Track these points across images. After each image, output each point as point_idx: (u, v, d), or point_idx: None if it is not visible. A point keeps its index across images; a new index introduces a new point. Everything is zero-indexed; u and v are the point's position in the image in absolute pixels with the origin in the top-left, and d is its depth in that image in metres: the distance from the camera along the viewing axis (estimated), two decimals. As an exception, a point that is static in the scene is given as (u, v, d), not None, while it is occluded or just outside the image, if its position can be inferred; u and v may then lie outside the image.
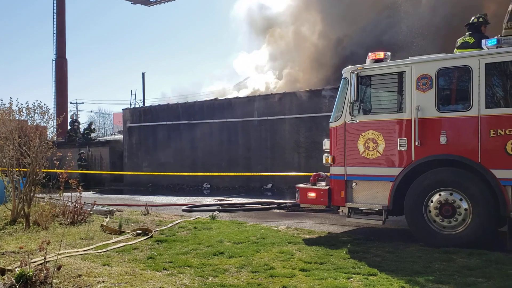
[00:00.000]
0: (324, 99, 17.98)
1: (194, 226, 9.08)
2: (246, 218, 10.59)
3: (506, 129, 6.53)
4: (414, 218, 7.26)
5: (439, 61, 7.22)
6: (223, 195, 17.28)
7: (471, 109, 6.81)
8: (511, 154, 6.49)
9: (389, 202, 7.44)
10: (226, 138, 20.77)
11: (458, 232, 6.89)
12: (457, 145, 6.95)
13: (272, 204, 13.05)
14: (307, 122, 18.45)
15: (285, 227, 8.92)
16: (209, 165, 20.71)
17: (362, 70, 7.80)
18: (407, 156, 7.35)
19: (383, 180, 7.58)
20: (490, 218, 6.69)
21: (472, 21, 8.39)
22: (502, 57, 6.72)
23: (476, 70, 6.78)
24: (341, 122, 8.02)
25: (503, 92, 6.93)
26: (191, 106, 22.32)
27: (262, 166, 19.30)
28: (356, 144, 7.86)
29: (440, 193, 7.03)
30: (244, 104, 20.48)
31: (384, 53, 7.84)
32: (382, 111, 7.91)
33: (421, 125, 7.18)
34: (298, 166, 18.19)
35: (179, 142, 22.24)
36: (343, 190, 7.95)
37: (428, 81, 7.18)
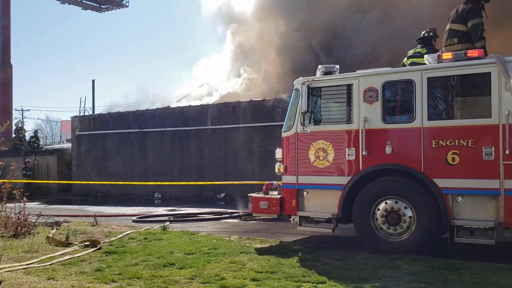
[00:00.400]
0: (278, 109, 18.21)
1: (145, 237, 8.92)
2: (198, 228, 10.52)
3: (447, 140, 6.86)
4: (362, 225, 7.47)
5: (384, 75, 7.51)
6: (175, 205, 17.08)
7: (414, 121, 7.12)
8: (452, 164, 6.82)
9: (339, 210, 7.62)
10: (179, 146, 20.58)
11: (403, 239, 7.15)
12: (401, 155, 7.23)
13: (225, 213, 13.04)
14: (261, 131, 18.60)
15: (237, 237, 8.93)
16: (161, 174, 20.43)
17: (313, 82, 7.99)
18: (355, 165, 7.57)
19: (333, 189, 7.76)
20: (433, 226, 6.98)
21: (423, 35, 8.79)
22: (442, 72, 7.08)
23: (419, 83, 7.11)
24: (293, 132, 8.17)
25: (444, 105, 7.30)
26: (142, 114, 21.99)
27: (215, 175, 19.24)
28: (307, 153, 8.01)
29: (386, 201, 7.28)
30: (197, 112, 20.40)
31: (333, 66, 8.07)
32: (332, 122, 8.13)
33: (368, 135, 7.42)
34: (251, 175, 18.26)
35: (129, 150, 21.83)
36: (295, 199, 8.08)
37: (374, 93, 7.45)
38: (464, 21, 7.63)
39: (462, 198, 6.79)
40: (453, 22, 7.83)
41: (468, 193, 6.75)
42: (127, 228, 10.24)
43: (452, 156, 6.82)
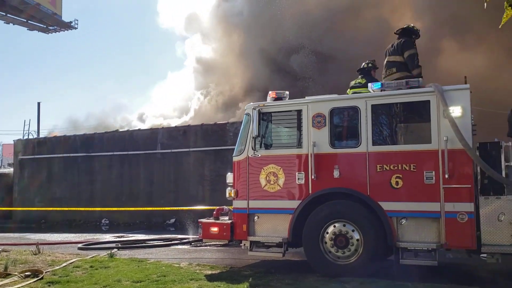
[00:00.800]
0: (229, 132, 18.28)
1: (91, 265, 8.60)
2: (147, 255, 10.26)
3: (390, 165, 7.15)
4: (311, 249, 7.57)
5: (331, 101, 7.78)
6: (123, 231, 16.61)
7: (360, 146, 7.38)
8: (396, 187, 7.10)
9: (289, 234, 7.69)
10: (127, 171, 20.15)
11: (351, 262, 7.29)
12: (349, 179, 7.44)
13: (174, 239, 12.80)
14: (212, 155, 18.55)
15: (187, 263, 8.79)
16: (109, 200, 19.84)
17: (263, 107, 8.14)
18: (305, 189, 7.71)
19: (283, 213, 7.84)
20: (379, 248, 7.17)
21: (362, 66, 9.22)
22: (385, 100, 7.42)
23: (363, 110, 7.41)
24: (244, 156, 8.23)
25: (388, 131, 7.63)
26: (89, 138, 21.44)
27: (165, 201, 18.91)
28: (258, 177, 8.08)
29: (335, 224, 7.43)
30: (147, 136, 20.13)
31: (283, 92, 8.27)
32: (282, 146, 8.26)
33: (317, 160, 7.60)
34: (202, 200, 18.09)
35: (76, 175, 21.14)
36: (246, 224, 8.08)
37: (322, 119, 7.68)
38: (401, 52, 8.34)
39: (406, 221, 7.05)
40: (390, 55, 8.53)
41: (411, 216, 7.02)
42: (72, 256, 9.84)
43: (395, 180, 7.10)
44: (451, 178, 6.72)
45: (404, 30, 8.65)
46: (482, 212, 6.62)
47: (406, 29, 8.67)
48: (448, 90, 6.93)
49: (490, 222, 6.56)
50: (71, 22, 44.76)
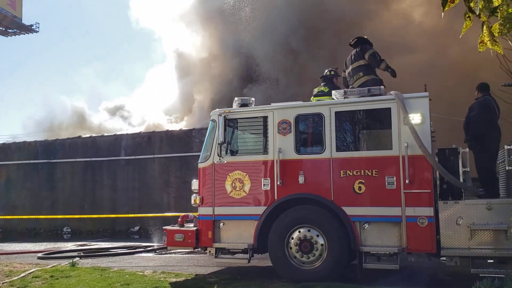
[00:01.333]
0: (195, 139, 18.19)
1: (51, 274, 8.35)
2: (110, 263, 10.05)
3: (353, 170, 7.29)
4: (276, 255, 7.60)
5: (296, 108, 7.88)
6: (86, 239, 16.21)
7: (324, 152, 7.50)
8: (359, 193, 7.24)
9: (254, 240, 7.71)
10: (90, 178, 19.72)
11: (316, 267, 7.36)
12: (313, 185, 7.54)
13: (138, 247, 12.60)
14: (178, 162, 18.40)
15: (152, 271, 8.66)
16: (71, 208, 19.36)
17: (229, 114, 8.15)
18: (270, 195, 7.76)
19: (249, 219, 7.85)
20: (343, 252, 7.28)
21: (325, 74, 9.37)
22: (348, 107, 7.58)
23: (327, 117, 7.54)
24: (210, 163, 8.21)
25: (351, 137, 7.79)
26: (51, 144, 20.88)
27: (129, 208, 18.60)
28: (224, 184, 8.07)
29: (300, 230, 7.50)
30: (111, 142, 19.78)
31: (249, 98, 8.31)
32: (248, 153, 8.29)
33: (282, 166, 7.67)
34: (167, 207, 17.91)
35: (36, 182, 20.52)
36: (211, 231, 8.05)
37: (287, 125, 7.77)
38: (362, 56, 8.55)
39: (369, 225, 7.19)
40: (351, 63, 8.69)
41: (374, 220, 7.17)
42: (32, 266, 9.53)
43: (358, 185, 7.24)
44: (412, 183, 6.92)
45: (359, 40, 8.85)
46: (441, 216, 6.83)
47: (360, 38, 8.88)
48: (408, 98, 7.14)
49: (449, 226, 6.77)
50: (32, 25, 43.59)
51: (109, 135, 20.86)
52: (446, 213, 6.82)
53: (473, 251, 6.63)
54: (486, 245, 6.58)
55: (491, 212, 6.62)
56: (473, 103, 7.98)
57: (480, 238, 6.62)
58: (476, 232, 6.64)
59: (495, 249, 6.54)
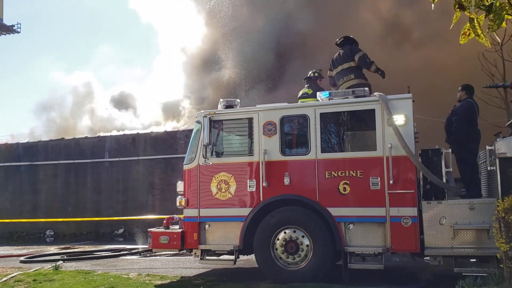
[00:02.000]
0: (180, 141, 18.09)
1: (34, 278, 8.24)
2: (94, 266, 9.95)
3: (338, 171, 7.34)
4: (262, 256, 7.61)
5: (282, 110, 7.90)
6: (69, 242, 16.03)
7: (309, 153, 7.54)
8: (344, 193, 7.29)
9: (240, 242, 7.71)
10: (74, 180, 19.45)
11: (301, 267, 7.39)
12: (299, 186, 7.57)
13: (123, 250, 12.50)
14: (162, 164, 18.27)
15: (137, 274, 8.60)
16: (54, 210, 19.06)
17: (214, 115, 8.14)
18: (256, 196, 7.77)
19: (235, 221, 7.85)
20: (328, 253, 7.33)
21: (309, 75, 9.43)
22: (333, 108, 7.63)
23: (313, 118, 7.58)
24: (195, 164, 8.19)
25: (336, 139, 7.84)
26: (33, 146, 20.53)
27: (113, 210, 18.40)
28: (209, 186, 8.06)
29: (285, 231, 7.53)
30: (94, 144, 19.54)
31: (234, 99, 8.31)
32: (234, 154, 8.28)
33: (268, 167, 7.69)
34: (152, 209, 17.76)
35: (18, 185, 20.17)
36: (197, 233, 8.02)
37: (273, 127, 7.79)
38: (352, 58, 8.62)
39: (354, 226, 7.25)
40: (340, 63, 8.76)
41: (358, 221, 7.23)
42: (14, 270, 9.39)
43: (343, 186, 7.29)
44: (396, 184, 6.99)
45: (345, 40, 8.94)
46: (425, 216, 6.93)
47: (347, 38, 8.96)
48: (392, 99, 7.22)
49: (433, 226, 6.86)
50: (13, 26, 42.94)
51: (92, 136, 20.59)
52: (430, 213, 6.92)
53: (456, 250, 6.73)
54: (469, 244, 6.69)
55: (474, 211, 6.73)
56: (456, 106, 8.06)
57: (463, 237, 6.72)
58: (459, 231, 6.74)
59: (477, 248, 6.64)
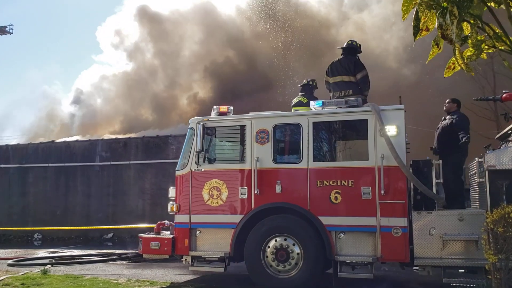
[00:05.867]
0: (172, 146, 18.07)
1: (22, 282, 8.16)
2: (83, 271, 9.87)
3: (330, 180, 7.38)
4: (253, 263, 7.62)
5: (275, 118, 7.94)
6: (58, 246, 15.88)
7: (301, 162, 7.58)
8: (335, 202, 7.33)
9: (231, 249, 7.71)
10: (64, 183, 19.36)
11: (291, 275, 7.41)
12: (290, 194, 7.60)
13: (112, 255, 12.40)
14: (153, 168, 18.24)
15: (126, 279, 8.55)
16: (42, 213, 18.97)
17: (207, 122, 8.16)
18: (247, 204, 7.78)
19: (226, 228, 7.85)
20: (319, 261, 7.35)
21: (304, 83, 9.47)
22: (326, 117, 7.69)
23: (305, 127, 7.63)
24: (187, 171, 8.19)
25: (328, 148, 7.90)
26: (23, 148, 20.43)
27: (103, 214, 18.33)
28: (201, 192, 8.06)
29: (276, 238, 7.54)
30: (85, 148, 19.48)
31: (227, 107, 8.34)
32: (226, 161, 8.32)
33: (260, 175, 7.71)
34: (142, 214, 17.72)
35: (7, 187, 20.02)
36: (187, 239, 8.01)
37: (265, 135, 7.82)
38: (353, 73, 8.32)
39: (344, 235, 7.29)
40: (341, 74, 8.41)
41: (349, 230, 7.27)
42: (1, 273, 9.28)
43: (335, 195, 7.34)
44: (387, 194, 7.05)
45: (350, 49, 8.59)
46: (415, 227, 6.98)
47: (351, 46, 8.60)
48: (384, 110, 7.29)
49: (422, 236, 6.92)
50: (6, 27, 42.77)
51: (83, 140, 20.55)
52: (420, 224, 6.98)
53: (445, 260, 6.78)
54: (458, 255, 6.75)
55: (463, 223, 6.80)
56: (446, 117, 8.13)
57: (452, 248, 6.79)
58: (448, 242, 6.80)
59: (466, 259, 6.71)
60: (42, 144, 20.57)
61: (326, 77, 8.71)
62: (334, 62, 8.62)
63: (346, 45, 8.69)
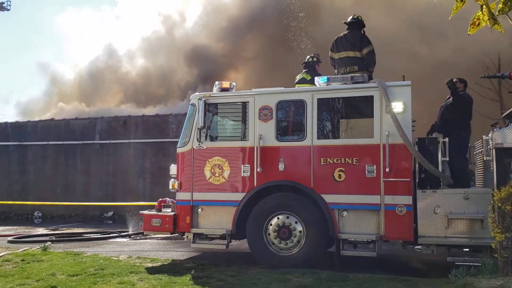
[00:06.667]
0: (172, 125, 17.93)
1: (22, 258, 8.12)
2: (83, 248, 9.85)
3: (334, 158, 7.28)
4: (255, 241, 7.57)
5: (278, 94, 7.79)
6: (58, 224, 15.89)
7: (305, 139, 7.45)
8: (338, 180, 7.23)
9: (233, 226, 7.65)
10: (63, 162, 19.25)
11: (293, 253, 7.37)
12: (293, 172, 7.50)
13: (113, 232, 12.39)
14: (154, 147, 18.13)
15: (127, 256, 8.51)
16: (42, 191, 18.88)
17: (209, 98, 8.01)
18: (249, 182, 7.69)
19: (228, 205, 7.77)
20: (321, 239, 7.30)
21: (307, 60, 9.27)
22: (331, 94, 7.53)
23: (310, 104, 7.48)
24: (189, 148, 8.07)
25: (332, 125, 7.75)
26: (22, 126, 20.27)
27: (103, 193, 18.27)
28: (203, 170, 7.96)
29: (278, 216, 7.48)
30: (85, 126, 19.32)
31: (229, 82, 8.17)
32: (228, 139, 8.20)
33: (263, 153, 7.60)
34: (142, 193, 17.67)
35: (6, 165, 19.93)
36: (189, 216, 7.94)
37: (269, 112, 7.68)
38: (359, 48, 8.07)
39: (347, 213, 7.22)
40: (346, 49, 8.15)
41: (352, 208, 7.20)
42: (1, 250, 9.27)
43: (338, 173, 7.24)
44: (391, 172, 6.95)
45: (356, 23, 8.30)
46: (419, 205, 6.91)
47: (357, 22, 8.30)
48: (391, 86, 7.14)
49: (427, 215, 6.85)
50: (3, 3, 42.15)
51: (83, 118, 20.32)
52: (424, 202, 6.90)
53: (449, 239, 6.73)
54: (462, 234, 6.69)
55: (468, 201, 6.73)
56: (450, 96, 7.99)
57: (457, 227, 6.72)
58: (453, 221, 6.74)
59: (471, 237, 6.65)
60: (41, 122, 20.40)
61: (331, 53, 8.44)
62: (339, 37, 8.36)
63: (351, 19, 8.39)
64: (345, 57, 8.21)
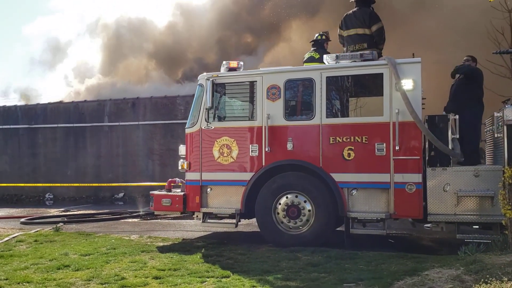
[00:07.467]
0: (180, 106, 17.94)
1: (35, 239, 8.26)
2: (95, 229, 9.98)
3: (343, 137, 7.24)
4: (264, 220, 7.61)
5: (286, 73, 7.72)
6: (69, 206, 16.08)
7: (314, 118, 7.41)
8: (348, 159, 7.21)
9: (242, 205, 7.68)
10: (73, 144, 19.39)
11: (303, 232, 7.40)
12: (302, 151, 7.48)
13: (124, 213, 12.52)
14: (162, 129, 18.19)
15: (138, 236, 8.62)
16: (53, 174, 19.11)
17: (217, 78, 7.97)
18: (258, 161, 7.69)
19: (237, 185, 7.80)
20: (330, 218, 7.32)
21: (316, 38, 9.16)
22: (340, 72, 7.44)
23: (318, 82, 7.41)
24: (197, 128, 8.08)
25: (341, 103, 7.69)
26: (32, 109, 20.39)
27: (113, 175, 18.43)
28: (211, 150, 7.97)
29: (287, 195, 7.49)
30: (94, 108, 19.39)
31: (237, 62, 8.11)
32: (236, 118, 8.18)
33: (271, 132, 7.58)
34: (152, 174, 17.81)
35: (17, 148, 20.13)
36: (198, 196, 7.99)
37: (277, 91, 7.63)
38: (368, 25, 7.96)
39: (357, 192, 7.21)
40: (355, 26, 8.06)
41: (362, 187, 7.18)
42: (15, 231, 9.42)
43: (347, 151, 7.21)
44: (401, 150, 6.91)
45: None
46: (429, 183, 6.88)
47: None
48: (400, 63, 7.04)
49: (437, 193, 6.82)
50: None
51: (92, 100, 20.37)
52: (434, 180, 6.87)
53: (459, 217, 6.71)
54: (472, 211, 6.67)
55: (478, 179, 6.68)
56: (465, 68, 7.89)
57: (467, 204, 6.70)
58: (463, 198, 6.71)
59: (480, 215, 6.63)
60: (50, 104, 20.48)
61: (340, 31, 8.34)
62: (348, 14, 8.24)
63: None
64: (354, 34, 8.11)
